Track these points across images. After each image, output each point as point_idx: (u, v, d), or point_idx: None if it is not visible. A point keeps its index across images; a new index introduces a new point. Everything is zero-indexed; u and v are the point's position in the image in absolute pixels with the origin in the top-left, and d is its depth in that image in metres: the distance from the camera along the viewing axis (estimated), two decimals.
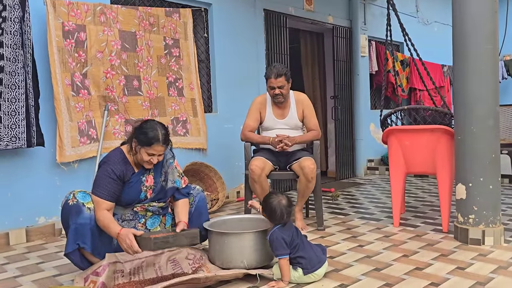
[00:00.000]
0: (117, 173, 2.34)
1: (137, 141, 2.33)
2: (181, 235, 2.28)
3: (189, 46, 4.31)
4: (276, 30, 5.19)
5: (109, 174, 2.31)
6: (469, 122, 2.81)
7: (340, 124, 6.15)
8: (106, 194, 2.29)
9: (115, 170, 2.33)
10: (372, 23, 6.50)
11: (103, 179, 2.31)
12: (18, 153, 3.26)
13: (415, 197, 4.57)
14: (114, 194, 2.32)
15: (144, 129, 2.33)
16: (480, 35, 2.78)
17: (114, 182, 2.32)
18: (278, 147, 3.31)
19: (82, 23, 3.53)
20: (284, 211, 2.33)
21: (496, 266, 2.42)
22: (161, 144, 2.32)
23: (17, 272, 2.59)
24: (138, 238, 2.18)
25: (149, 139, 2.30)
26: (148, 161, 2.35)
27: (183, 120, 4.24)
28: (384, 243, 2.95)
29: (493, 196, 2.80)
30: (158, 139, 2.31)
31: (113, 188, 2.31)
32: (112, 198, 2.31)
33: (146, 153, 2.32)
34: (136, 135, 2.34)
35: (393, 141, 3.36)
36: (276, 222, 2.34)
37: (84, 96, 3.55)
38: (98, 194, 2.29)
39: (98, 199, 2.29)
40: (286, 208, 2.35)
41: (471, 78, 2.81)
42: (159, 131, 2.33)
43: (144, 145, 2.31)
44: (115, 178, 2.32)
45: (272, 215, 2.35)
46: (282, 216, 2.33)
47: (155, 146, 2.31)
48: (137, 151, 2.34)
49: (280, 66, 3.37)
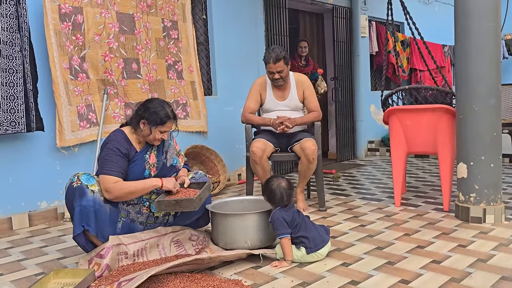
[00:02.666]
0: (123, 150, 2.34)
1: (147, 121, 2.36)
2: (205, 189, 2.40)
3: (188, 28, 4.26)
4: (276, 11, 5.12)
5: (115, 151, 2.32)
6: (471, 100, 2.80)
7: (340, 105, 6.13)
8: (116, 170, 2.28)
9: (120, 148, 2.34)
10: (372, 3, 6.42)
11: (110, 156, 2.31)
12: (18, 137, 3.25)
13: (415, 177, 4.58)
14: (124, 171, 2.33)
15: (153, 109, 2.37)
16: (482, 12, 2.75)
17: (121, 158, 2.32)
18: (279, 128, 3.30)
19: (79, 5, 3.49)
20: (284, 193, 2.34)
21: (497, 243, 2.44)
22: (172, 121, 2.41)
23: (21, 256, 2.61)
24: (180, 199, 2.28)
25: (162, 118, 2.36)
26: (160, 138, 2.41)
27: (183, 103, 4.22)
28: (386, 222, 2.96)
29: (494, 174, 2.81)
30: (169, 116, 2.39)
31: (122, 164, 2.32)
32: (122, 175, 2.31)
33: (159, 131, 2.38)
34: (145, 116, 2.36)
35: (394, 121, 3.35)
36: (276, 204, 2.35)
37: (82, 80, 3.52)
38: (108, 172, 2.27)
39: (108, 177, 2.26)
40: (286, 190, 2.36)
41: (473, 56, 2.78)
42: (167, 109, 2.41)
43: (158, 124, 2.36)
44: (121, 155, 2.33)
45: (272, 198, 2.36)
46: (282, 198, 2.34)
47: (168, 123, 2.40)
48: (151, 131, 2.37)
49: (279, 50, 3.31)
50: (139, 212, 2.47)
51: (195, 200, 2.25)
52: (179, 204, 2.27)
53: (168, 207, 2.29)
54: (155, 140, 2.41)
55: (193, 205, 2.26)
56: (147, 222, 2.51)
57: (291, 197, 2.38)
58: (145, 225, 2.50)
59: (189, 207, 2.26)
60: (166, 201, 2.29)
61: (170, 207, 2.29)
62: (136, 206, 2.46)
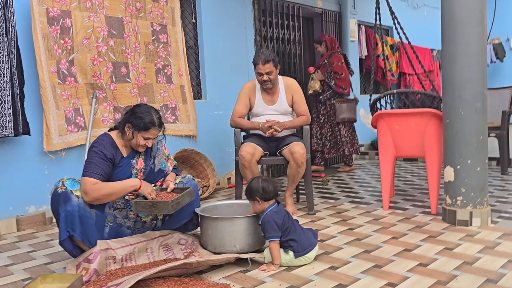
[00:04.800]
0: (108, 155, 2.34)
1: (132, 126, 2.35)
2: (185, 194, 2.39)
3: (177, 32, 4.27)
4: (265, 15, 5.15)
5: (99, 155, 2.31)
6: (457, 105, 2.84)
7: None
8: (97, 172, 2.28)
9: (105, 151, 2.33)
10: (361, 7, 6.48)
11: (93, 159, 2.30)
12: (5, 142, 3.22)
13: (404, 181, 4.62)
14: (105, 174, 2.31)
15: (138, 114, 2.36)
16: (468, 18, 2.79)
17: (104, 162, 2.32)
18: (268, 132, 3.31)
19: (67, 9, 3.47)
20: (268, 185, 2.37)
21: (483, 246, 2.47)
22: (157, 128, 2.39)
23: (8, 261, 2.58)
24: (156, 202, 2.29)
25: (146, 123, 2.34)
26: (144, 145, 2.39)
27: (172, 107, 4.21)
28: (374, 226, 2.98)
29: (481, 178, 2.84)
30: (154, 123, 2.37)
31: (104, 168, 2.31)
32: (103, 178, 2.30)
33: (142, 138, 2.37)
34: (130, 120, 2.36)
35: (383, 125, 3.38)
36: (271, 196, 2.37)
37: (70, 84, 3.51)
38: (88, 174, 2.27)
39: (88, 179, 2.26)
40: (267, 181, 2.39)
41: (459, 61, 2.82)
42: (154, 115, 2.39)
43: (141, 130, 2.35)
44: (105, 159, 2.32)
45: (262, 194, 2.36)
46: (268, 188, 2.36)
47: (152, 130, 2.37)
48: (133, 135, 2.36)
49: (268, 52, 3.35)
50: (126, 216, 2.46)
51: (170, 204, 2.26)
52: (154, 206, 2.28)
53: (144, 208, 2.30)
54: (138, 146, 2.39)
55: (168, 208, 2.26)
56: (134, 226, 2.50)
57: (276, 185, 2.41)
58: (133, 230, 2.49)
59: (164, 210, 2.27)
60: (142, 202, 2.30)
61: (146, 209, 2.30)
62: (123, 210, 2.45)
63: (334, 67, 5.21)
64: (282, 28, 5.41)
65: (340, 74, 5.20)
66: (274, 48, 5.24)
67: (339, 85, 5.24)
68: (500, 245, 2.48)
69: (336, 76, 5.22)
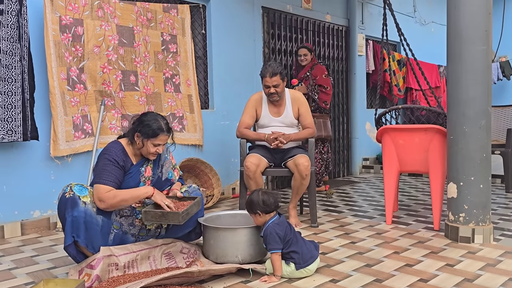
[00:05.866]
0: (120, 162, 2.37)
1: (141, 134, 2.40)
2: (193, 204, 2.43)
3: (187, 42, 4.33)
4: (274, 27, 5.21)
5: (112, 162, 2.35)
6: (461, 122, 2.85)
7: (336, 122, 6.18)
8: (111, 180, 2.30)
9: (118, 159, 2.37)
10: (369, 22, 6.53)
11: (106, 166, 2.33)
12: (14, 146, 3.27)
13: (408, 196, 4.61)
14: (118, 181, 2.35)
15: (146, 122, 2.41)
16: (473, 36, 2.82)
17: (117, 169, 2.35)
18: (273, 144, 3.34)
19: (79, 17, 3.54)
20: (269, 197, 2.38)
21: (484, 263, 2.47)
22: (165, 134, 2.43)
23: (12, 265, 2.61)
24: (166, 212, 2.32)
25: (155, 130, 2.39)
26: (154, 152, 2.43)
27: (179, 116, 4.26)
28: (376, 240, 2.98)
29: (484, 195, 2.84)
30: (163, 129, 2.41)
31: (117, 175, 2.34)
32: (116, 185, 2.33)
33: (152, 144, 2.41)
34: (139, 129, 2.40)
35: (387, 140, 3.39)
36: (272, 208, 2.38)
37: (80, 91, 3.56)
38: (102, 182, 2.29)
39: (102, 186, 2.28)
40: (267, 194, 2.39)
41: (464, 78, 2.84)
42: (161, 122, 2.44)
43: (150, 137, 2.39)
44: (118, 166, 2.36)
45: (262, 207, 2.37)
46: (268, 200, 2.37)
47: (161, 136, 2.41)
48: (144, 143, 2.40)
49: (275, 65, 3.39)
50: (132, 224, 2.48)
51: (181, 214, 2.28)
52: (164, 216, 2.30)
53: (154, 218, 2.32)
54: (149, 153, 2.43)
55: (178, 219, 2.28)
56: (139, 234, 2.52)
57: (277, 197, 2.42)
58: (137, 237, 2.51)
59: (174, 220, 2.29)
60: (152, 211, 2.32)
61: (156, 219, 2.32)
62: (129, 218, 2.48)
63: (318, 80, 4.77)
64: (290, 41, 5.46)
65: (326, 87, 4.78)
66: (282, 61, 5.29)
67: (323, 99, 4.81)
68: (501, 263, 2.47)
69: (321, 89, 4.79)
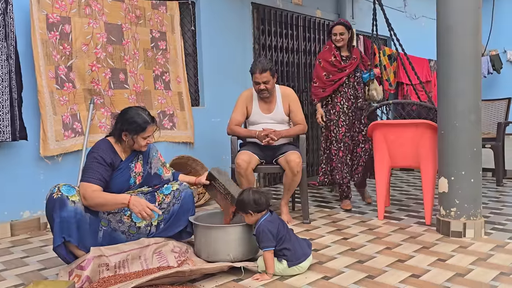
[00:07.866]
0: (107, 160, 2.38)
1: (129, 132, 2.42)
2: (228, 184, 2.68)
3: (176, 39, 4.29)
4: (264, 23, 5.18)
5: (98, 160, 2.36)
6: (452, 116, 2.86)
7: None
8: (95, 178, 2.32)
9: (104, 157, 2.38)
10: (359, 17, 6.52)
11: (93, 164, 2.35)
12: (2, 146, 3.23)
13: (400, 191, 4.63)
14: (104, 179, 2.35)
15: (131, 119, 2.43)
16: (463, 30, 2.82)
17: (103, 167, 2.36)
18: (264, 141, 3.32)
19: (66, 15, 3.50)
20: (260, 196, 2.37)
21: (476, 258, 2.48)
22: (152, 125, 2.48)
23: (1, 266, 2.58)
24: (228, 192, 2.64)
25: (141, 125, 2.43)
26: (145, 144, 2.49)
27: (169, 114, 4.23)
28: (368, 236, 2.99)
29: (474, 189, 2.86)
30: (148, 121, 2.46)
31: (103, 173, 2.35)
32: (101, 183, 2.33)
33: (142, 138, 2.45)
34: (125, 128, 2.42)
35: (378, 135, 3.39)
36: (263, 207, 2.37)
37: (68, 89, 3.52)
38: (87, 180, 2.31)
39: (88, 184, 2.30)
40: (258, 193, 2.38)
41: (453, 73, 2.85)
42: (144, 114, 2.47)
43: (139, 132, 2.43)
44: (105, 164, 2.37)
45: (254, 206, 2.36)
46: (260, 199, 2.36)
47: (149, 128, 2.46)
48: (134, 140, 2.43)
49: (265, 61, 3.37)
50: (120, 221, 2.47)
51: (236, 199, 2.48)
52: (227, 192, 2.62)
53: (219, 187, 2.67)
54: (141, 147, 2.49)
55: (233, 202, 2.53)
56: (129, 231, 2.50)
57: (268, 196, 2.41)
58: (128, 235, 2.50)
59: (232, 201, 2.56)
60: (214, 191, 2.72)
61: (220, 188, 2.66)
62: (117, 214, 2.47)
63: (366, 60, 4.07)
64: (280, 36, 5.44)
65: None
66: (272, 57, 5.26)
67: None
68: (492, 257, 2.49)
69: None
